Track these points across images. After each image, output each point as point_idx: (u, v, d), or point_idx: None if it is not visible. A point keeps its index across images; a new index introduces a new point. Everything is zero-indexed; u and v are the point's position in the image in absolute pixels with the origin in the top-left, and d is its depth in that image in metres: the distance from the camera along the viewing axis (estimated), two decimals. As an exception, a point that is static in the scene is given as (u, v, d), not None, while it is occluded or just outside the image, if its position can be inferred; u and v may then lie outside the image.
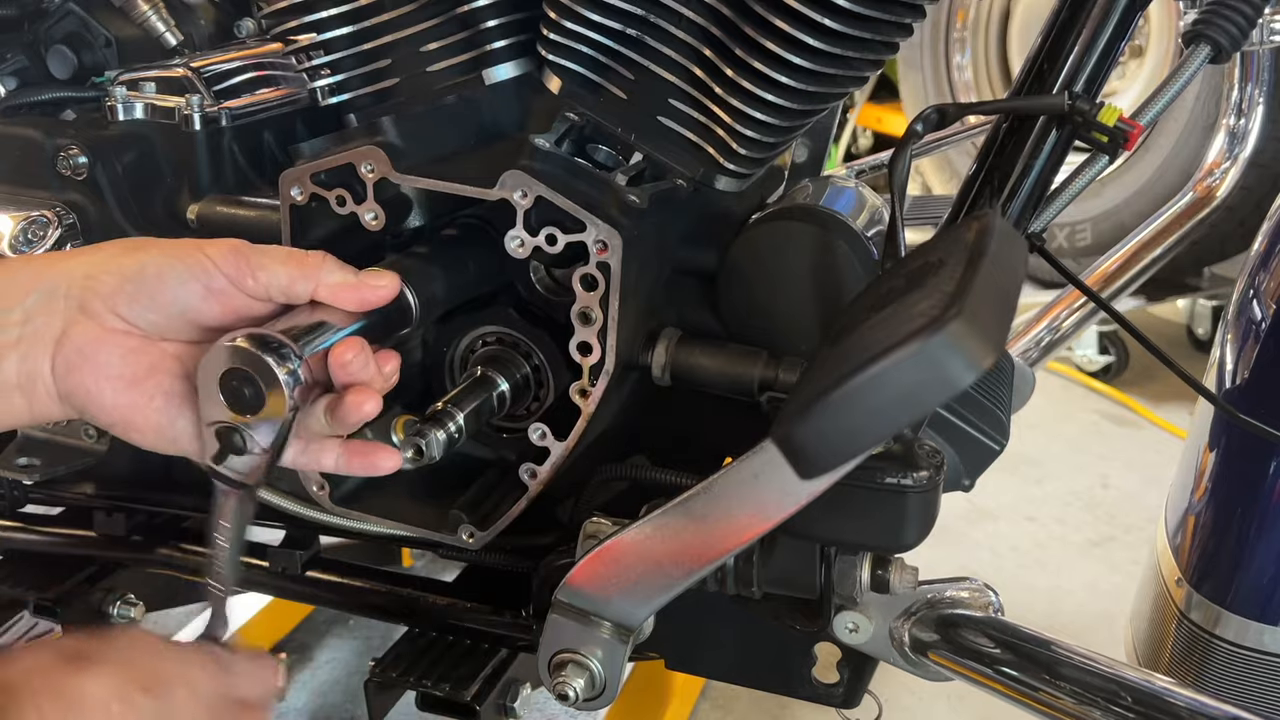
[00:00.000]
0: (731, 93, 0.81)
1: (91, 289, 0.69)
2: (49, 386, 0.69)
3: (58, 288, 0.69)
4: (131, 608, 1.21)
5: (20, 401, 0.70)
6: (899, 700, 1.69)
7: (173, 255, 0.70)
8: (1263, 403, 1.03)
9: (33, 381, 0.69)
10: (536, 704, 1.62)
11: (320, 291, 0.72)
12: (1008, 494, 2.31)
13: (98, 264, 0.70)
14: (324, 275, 0.72)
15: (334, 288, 0.72)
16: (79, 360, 0.69)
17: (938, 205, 1.40)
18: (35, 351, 0.69)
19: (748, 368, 0.88)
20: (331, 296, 0.72)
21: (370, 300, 0.73)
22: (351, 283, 0.72)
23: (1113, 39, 0.85)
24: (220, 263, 0.70)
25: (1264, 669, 1.02)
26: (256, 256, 0.71)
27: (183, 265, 0.70)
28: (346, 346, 0.70)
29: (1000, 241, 0.68)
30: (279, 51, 0.98)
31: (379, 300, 0.74)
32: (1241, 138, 1.64)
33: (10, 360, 0.68)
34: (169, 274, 0.69)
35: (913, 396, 0.58)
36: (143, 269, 0.69)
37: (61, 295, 0.69)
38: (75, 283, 0.69)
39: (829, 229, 0.88)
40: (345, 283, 0.72)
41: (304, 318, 0.71)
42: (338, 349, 0.70)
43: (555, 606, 0.81)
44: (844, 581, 0.84)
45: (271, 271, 0.71)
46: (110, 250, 0.71)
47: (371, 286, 0.73)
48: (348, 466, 0.76)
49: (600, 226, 0.79)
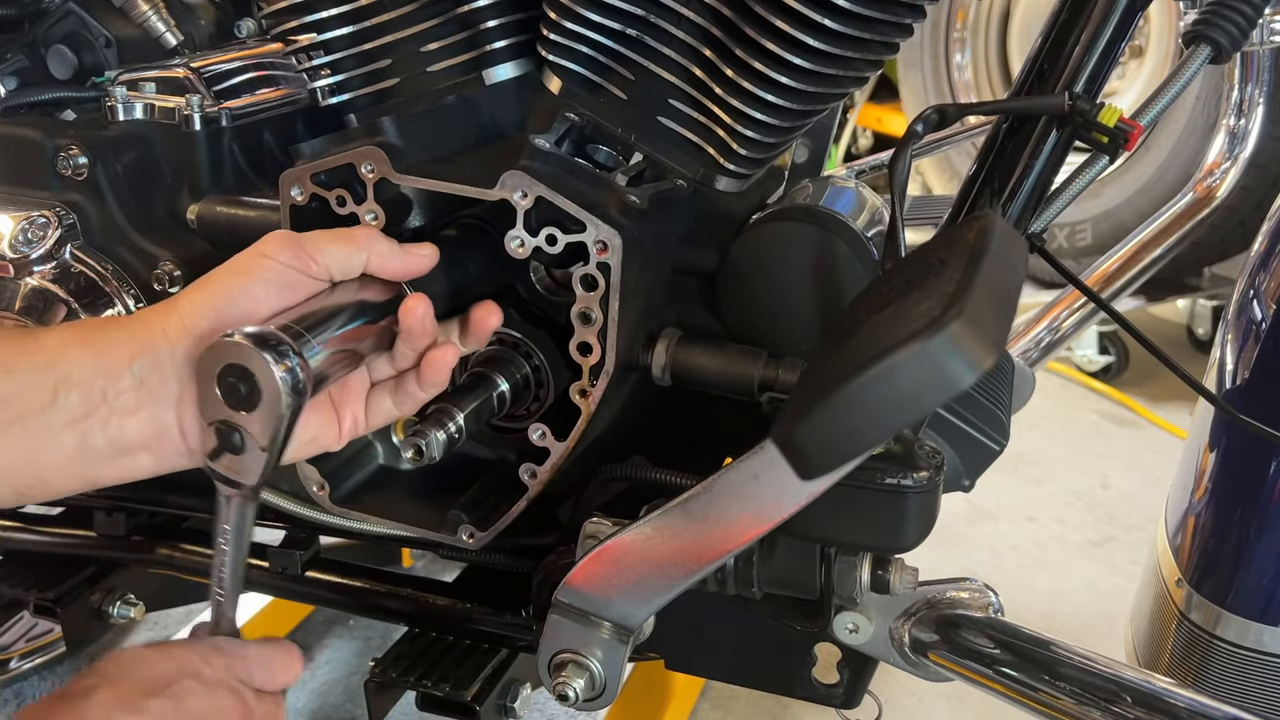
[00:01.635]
0: (731, 93, 0.81)
1: (193, 338, 0.70)
2: (178, 444, 0.71)
3: (159, 348, 0.70)
4: (131, 608, 1.21)
5: (146, 458, 0.71)
6: (899, 701, 1.69)
7: (245, 272, 0.72)
8: (1263, 403, 1.03)
9: (161, 440, 0.70)
10: (536, 704, 1.62)
11: (372, 262, 0.76)
12: (1008, 494, 2.31)
13: (188, 313, 0.71)
14: (374, 246, 0.76)
15: (384, 256, 0.76)
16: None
17: (938, 205, 1.40)
18: (159, 413, 0.70)
19: (748, 368, 0.88)
20: (381, 267, 0.76)
21: (415, 269, 0.78)
22: (398, 254, 0.77)
23: (1113, 39, 0.85)
24: (281, 257, 0.73)
25: (1264, 669, 1.02)
26: (310, 243, 0.74)
27: (255, 278, 0.72)
28: (417, 300, 0.75)
29: (1000, 242, 0.68)
30: (279, 51, 0.98)
31: (423, 268, 0.78)
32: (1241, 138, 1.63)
33: (132, 423, 0.69)
34: (253, 290, 0.72)
35: (913, 397, 0.58)
36: (230, 298, 0.71)
37: (166, 354, 0.70)
38: (177, 338, 0.70)
39: (829, 229, 0.88)
40: (392, 252, 0.77)
41: (304, 314, 0.71)
42: (408, 303, 0.75)
43: (555, 607, 0.81)
44: (844, 582, 0.84)
45: (328, 251, 0.74)
46: (192, 294, 0.73)
47: (416, 255, 0.78)
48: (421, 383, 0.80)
49: (600, 227, 0.79)
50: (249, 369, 0.66)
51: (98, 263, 1.02)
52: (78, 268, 1.01)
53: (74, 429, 0.68)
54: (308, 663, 1.75)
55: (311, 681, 1.72)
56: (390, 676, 0.99)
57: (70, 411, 0.67)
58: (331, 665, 1.75)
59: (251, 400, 0.67)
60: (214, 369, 0.67)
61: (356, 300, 0.75)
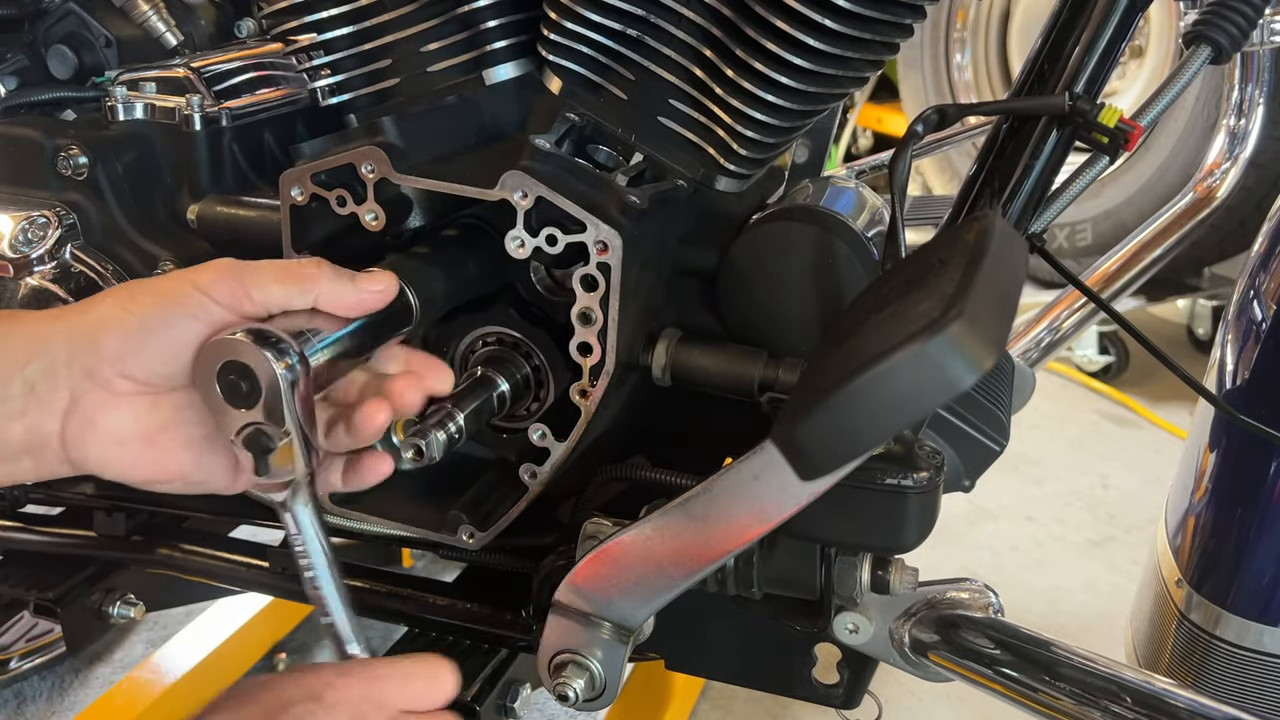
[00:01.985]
0: (732, 93, 0.81)
1: (95, 353, 0.66)
2: (57, 452, 0.68)
3: (57, 356, 0.66)
4: (131, 608, 1.21)
5: (28, 464, 0.68)
6: (899, 701, 1.69)
7: (167, 299, 0.68)
8: (1263, 403, 1.03)
9: (41, 448, 0.68)
10: (536, 704, 1.62)
11: (320, 303, 0.71)
12: (1008, 494, 2.31)
13: (96, 325, 0.67)
14: (321, 285, 0.71)
15: (332, 296, 0.71)
16: (89, 430, 0.67)
17: (938, 205, 1.40)
18: (43, 421, 0.67)
19: (748, 368, 0.88)
20: (331, 305, 0.71)
21: (369, 305, 0.73)
22: (349, 290, 0.72)
23: (1113, 39, 0.85)
24: (214, 293, 0.68)
25: (1264, 670, 1.02)
26: (250, 276, 0.69)
27: (181, 309, 0.67)
28: (405, 384, 0.74)
29: (1001, 242, 0.68)
30: (279, 51, 0.98)
31: (377, 304, 0.74)
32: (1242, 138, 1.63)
33: (15, 428, 0.66)
34: (171, 320, 0.67)
35: (913, 398, 0.58)
36: (144, 324, 0.67)
37: (63, 364, 0.66)
38: (78, 348, 0.66)
39: (829, 229, 0.88)
40: (343, 290, 0.72)
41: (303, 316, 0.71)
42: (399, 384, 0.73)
43: (555, 607, 0.81)
44: (844, 582, 0.84)
45: (267, 290, 0.69)
46: (104, 307, 0.68)
47: (370, 292, 0.73)
48: (345, 484, 0.78)
49: (600, 227, 0.79)
50: (249, 366, 0.66)
51: (98, 263, 1.02)
52: (78, 268, 1.01)
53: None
54: (308, 662, 1.75)
55: (311, 681, 1.72)
56: (390, 676, 0.99)
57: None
58: (331, 665, 1.75)
59: (251, 397, 0.67)
60: (213, 369, 0.67)
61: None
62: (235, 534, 1.25)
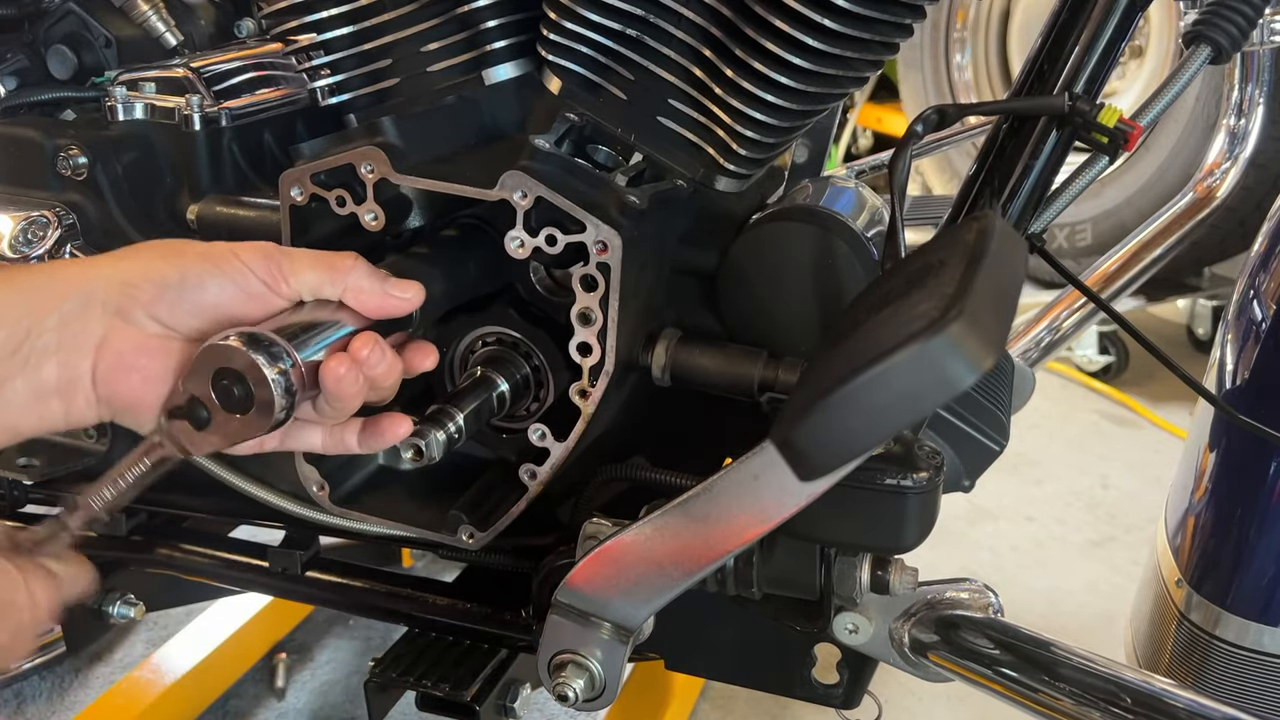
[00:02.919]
0: (731, 93, 0.81)
1: (131, 296, 0.69)
2: (88, 393, 0.69)
3: (94, 294, 0.68)
4: (131, 608, 1.21)
5: (58, 406, 0.69)
6: (899, 701, 1.69)
7: (210, 261, 0.71)
8: (1263, 403, 1.03)
9: (72, 387, 0.69)
10: (536, 704, 1.63)
11: (347, 295, 0.73)
12: (1008, 494, 2.31)
13: (136, 271, 0.69)
14: (352, 280, 0.73)
15: (360, 293, 0.74)
16: (121, 366, 0.69)
17: (938, 205, 1.40)
18: (75, 358, 0.68)
19: (748, 368, 0.88)
20: (357, 302, 0.74)
21: (392, 310, 0.75)
22: (377, 289, 0.74)
23: (1113, 39, 0.85)
24: (255, 268, 0.71)
25: (1264, 670, 1.02)
26: (288, 261, 0.72)
27: (221, 272, 0.70)
28: (363, 342, 0.71)
29: (1000, 242, 0.68)
30: (279, 51, 0.98)
31: (401, 311, 0.76)
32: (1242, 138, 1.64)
33: (49, 366, 0.68)
34: (209, 281, 0.70)
35: (913, 397, 0.58)
36: (184, 278, 0.70)
37: (99, 302, 0.68)
38: (113, 290, 0.69)
39: (829, 229, 0.88)
40: (372, 289, 0.74)
41: (300, 317, 0.71)
42: (357, 342, 0.71)
43: (555, 607, 0.81)
44: (844, 582, 0.84)
45: (303, 276, 0.72)
46: (147, 257, 0.71)
47: (396, 296, 0.75)
48: (362, 446, 0.79)
49: (600, 227, 0.79)
50: (242, 372, 0.66)
51: (98, 263, 1.02)
52: (78, 268, 1.01)
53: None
54: (308, 663, 1.75)
55: (311, 681, 1.72)
56: (390, 676, 0.99)
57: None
58: (331, 665, 1.76)
59: (245, 403, 0.67)
60: (207, 372, 0.67)
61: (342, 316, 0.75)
62: (235, 534, 1.25)
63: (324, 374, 0.70)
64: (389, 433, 0.79)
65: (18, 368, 0.67)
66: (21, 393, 0.67)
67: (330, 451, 0.80)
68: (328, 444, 0.79)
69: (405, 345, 0.79)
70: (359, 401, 0.73)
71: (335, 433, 0.78)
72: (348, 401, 0.72)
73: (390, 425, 0.79)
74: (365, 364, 0.72)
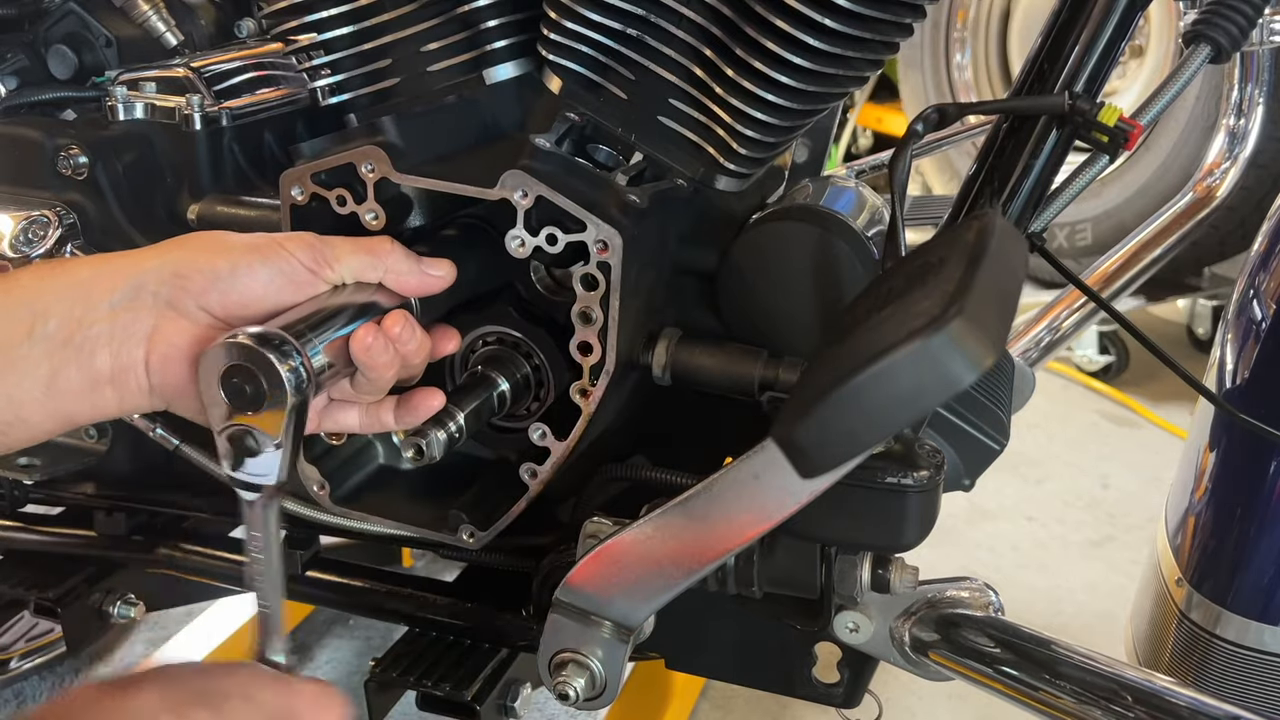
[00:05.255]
0: (732, 92, 0.81)
1: (183, 288, 0.70)
2: (141, 381, 0.70)
3: (145, 284, 0.70)
4: (131, 608, 1.21)
5: (111, 395, 0.70)
6: (900, 700, 1.69)
7: (257, 254, 0.73)
8: (1263, 403, 1.03)
9: (125, 375, 0.70)
10: (536, 704, 1.62)
11: (387, 277, 0.77)
12: (1008, 494, 2.31)
13: (186, 263, 0.71)
14: (391, 262, 0.77)
15: (399, 274, 0.77)
16: (174, 355, 0.70)
17: (938, 205, 1.40)
18: (128, 347, 0.69)
19: (748, 368, 0.88)
20: (396, 283, 0.77)
21: (430, 287, 0.79)
22: (414, 269, 0.78)
23: (1113, 39, 0.85)
24: (301, 256, 0.73)
25: (1264, 669, 1.02)
26: (330, 248, 0.75)
27: (268, 262, 0.72)
28: (394, 320, 0.75)
29: (1001, 241, 0.68)
30: (279, 51, 0.98)
31: (437, 288, 0.79)
32: (1241, 138, 1.64)
33: (102, 355, 0.69)
34: (259, 272, 0.72)
35: (914, 396, 0.58)
36: (234, 269, 0.71)
37: (149, 293, 0.70)
38: (164, 281, 0.70)
39: (829, 229, 0.88)
40: (410, 269, 0.78)
41: (306, 313, 0.71)
42: (389, 320, 0.74)
43: (555, 606, 0.81)
44: (844, 581, 0.84)
45: (346, 261, 0.75)
46: (195, 248, 0.73)
47: (432, 274, 0.79)
48: (398, 422, 0.82)
49: (601, 226, 0.79)
50: (254, 370, 0.66)
51: (98, 262, 1.02)
52: (78, 267, 1.01)
53: (50, 360, 0.68)
54: (308, 663, 1.75)
55: (312, 681, 1.72)
56: (390, 676, 0.99)
57: (47, 340, 0.67)
58: (331, 665, 1.75)
59: (256, 401, 0.67)
60: (216, 371, 0.67)
61: (361, 302, 0.75)
62: (235, 534, 1.25)
63: (353, 344, 0.73)
64: (422, 406, 0.81)
65: (71, 356, 0.68)
66: (76, 381, 0.69)
67: (367, 430, 0.82)
68: (364, 423, 0.81)
69: (431, 328, 0.81)
70: (392, 374, 0.76)
71: (371, 411, 0.81)
72: (381, 372, 0.75)
73: (424, 399, 0.81)
74: (398, 340, 0.75)
